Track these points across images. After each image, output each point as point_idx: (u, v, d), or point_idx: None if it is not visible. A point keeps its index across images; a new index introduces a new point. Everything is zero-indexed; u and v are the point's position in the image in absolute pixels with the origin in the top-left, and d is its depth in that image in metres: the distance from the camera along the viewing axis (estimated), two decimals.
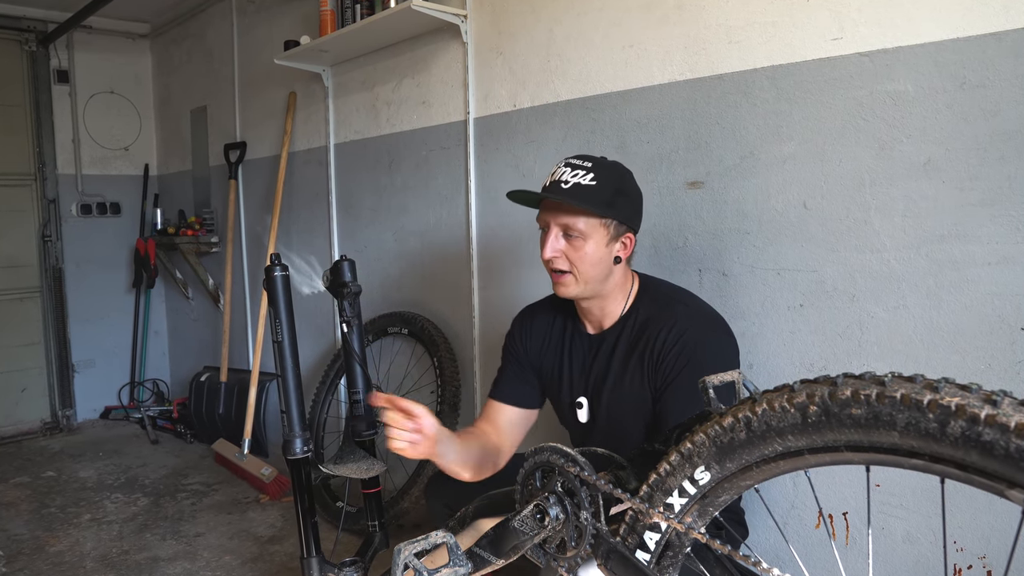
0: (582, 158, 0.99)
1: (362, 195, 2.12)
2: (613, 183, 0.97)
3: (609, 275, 1.01)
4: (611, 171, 0.99)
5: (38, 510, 2.07)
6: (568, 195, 0.95)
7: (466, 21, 1.69)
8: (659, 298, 1.03)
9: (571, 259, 0.98)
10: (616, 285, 1.03)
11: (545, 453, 0.75)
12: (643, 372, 1.00)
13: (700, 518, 0.62)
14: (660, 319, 0.99)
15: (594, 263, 0.98)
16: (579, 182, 0.95)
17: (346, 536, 1.81)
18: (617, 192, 0.97)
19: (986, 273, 0.97)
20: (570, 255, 0.98)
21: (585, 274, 0.98)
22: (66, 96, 2.96)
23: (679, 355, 0.96)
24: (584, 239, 0.97)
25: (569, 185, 0.96)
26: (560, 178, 0.97)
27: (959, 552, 1.01)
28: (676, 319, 0.98)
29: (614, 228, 0.98)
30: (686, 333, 0.96)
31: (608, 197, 0.96)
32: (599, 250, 0.97)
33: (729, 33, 1.22)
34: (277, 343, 1.19)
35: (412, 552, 0.74)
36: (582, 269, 0.98)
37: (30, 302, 2.93)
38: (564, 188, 0.96)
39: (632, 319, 1.03)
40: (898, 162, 1.04)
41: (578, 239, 0.97)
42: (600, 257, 0.98)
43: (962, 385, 0.44)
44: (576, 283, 1.00)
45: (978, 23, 0.96)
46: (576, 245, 0.97)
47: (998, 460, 0.40)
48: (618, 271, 1.02)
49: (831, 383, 0.50)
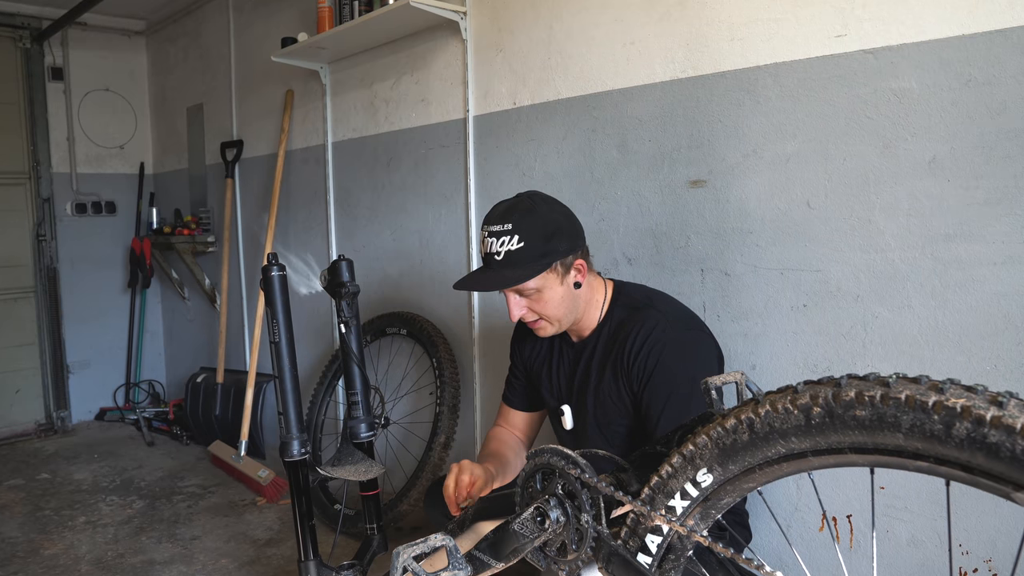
0: (499, 219, 0.98)
1: (360, 194, 2.10)
2: (539, 230, 0.97)
3: (577, 301, 1.04)
4: (533, 220, 0.98)
5: (32, 513, 2.05)
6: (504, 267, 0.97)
7: (465, 18, 1.68)
8: (630, 303, 1.06)
9: (537, 311, 1.02)
10: (586, 302, 1.06)
11: (545, 455, 0.74)
12: (617, 377, 1.03)
13: (702, 521, 0.61)
14: (630, 323, 1.02)
15: (558, 304, 1.02)
16: (509, 249, 0.97)
17: (344, 539, 1.80)
18: (547, 237, 0.98)
19: (992, 273, 0.97)
20: (535, 308, 1.02)
21: (555, 315, 1.03)
22: (60, 94, 2.93)
23: (647, 356, 0.98)
24: (540, 291, 1.00)
25: (501, 256, 0.97)
26: (490, 250, 0.99)
27: (964, 555, 1.00)
28: (644, 321, 1.00)
29: (561, 267, 1.00)
30: (652, 334, 0.99)
31: (541, 249, 0.97)
32: (558, 291, 1.01)
33: (731, 30, 1.21)
34: (274, 344, 1.18)
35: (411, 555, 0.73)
36: (550, 313, 1.02)
37: (24, 302, 2.90)
38: (497, 260, 0.98)
39: (607, 325, 1.06)
40: (903, 160, 1.03)
41: (535, 294, 1.01)
42: (562, 296, 1.01)
43: (968, 386, 0.43)
44: (551, 325, 1.04)
45: (984, 20, 0.95)
46: (535, 299, 1.01)
47: (1004, 462, 0.40)
48: (584, 291, 1.05)
49: (835, 384, 0.49)
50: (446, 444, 1.72)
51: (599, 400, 1.06)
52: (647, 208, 1.36)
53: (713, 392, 0.59)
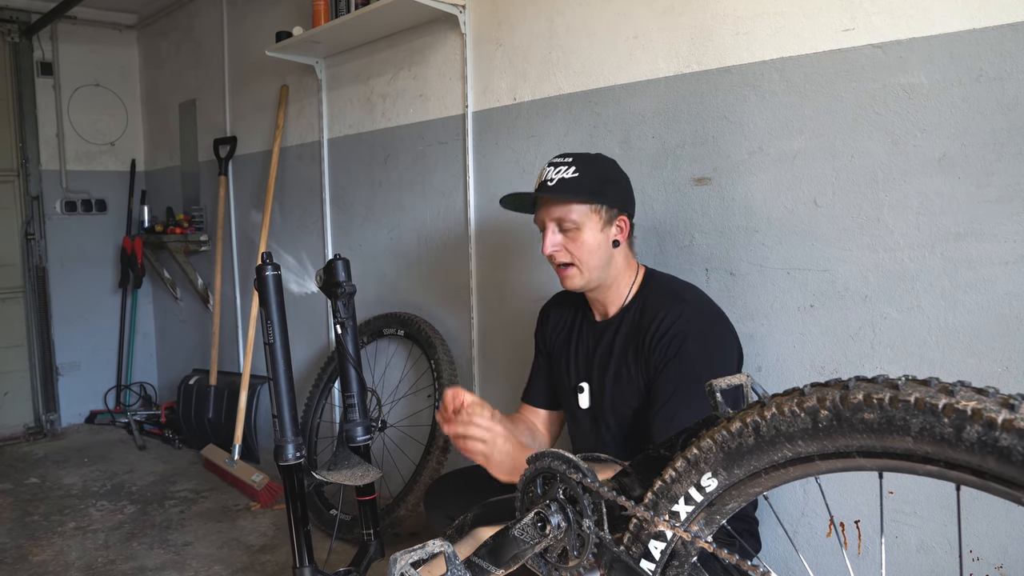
0: (564, 155, 1.04)
1: (357, 192, 2.07)
2: (597, 172, 1.03)
3: (610, 261, 1.04)
4: (594, 162, 1.05)
5: (21, 518, 2.01)
6: (555, 190, 1.01)
7: (464, 11, 1.66)
8: (661, 290, 1.05)
9: (571, 251, 1.02)
10: (619, 272, 1.06)
11: (546, 459, 0.73)
12: (637, 361, 1.02)
13: (707, 526, 0.60)
14: (658, 309, 1.01)
15: (593, 250, 1.02)
16: (563, 177, 1.01)
17: (340, 545, 1.77)
18: (602, 180, 1.02)
19: (1003, 272, 0.95)
20: (569, 247, 1.02)
21: (587, 263, 1.02)
22: (50, 89, 2.89)
23: (669, 344, 0.98)
24: (579, 229, 1.01)
25: (555, 182, 1.01)
26: (546, 177, 1.03)
27: (975, 562, 0.99)
28: (671, 309, 1.00)
29: (606, 213, 1.02)
30: (677, 322, 0.98)
31: (595, 185, 1.01)
32: (596, 236, 1.02)
33: (737, 24, 1.19)
34: (269, 345, 1.16)
35: (408, 562, 0.72)
36: (583, 258, 1.02)
37: (12, 303, 2.86)
38: (550, 185, 1.02)
39: (634, 308, 1.06)
40: (912, 157, 1.02)
41: (574, 230, 1.01)
42: (598, 243, 1.02)
43: (978, 388, 0.43)
44: (580, 274, 1.03)
45: (995, 13, 0.94)
46: (573, 236, 1.02)
47: (1016, 466, 0.39)
48: (619, 256, 1.05)
49: (842, 386, 0.49)
50: (444, 448, 1.69)
51: (616, 383, 1.05)
52: (650, 206, 1.33)
53: (718, 395, 0.58)
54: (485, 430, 0.92)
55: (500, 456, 0.92)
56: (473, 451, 0.93)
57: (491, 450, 0.92)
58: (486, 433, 0.92)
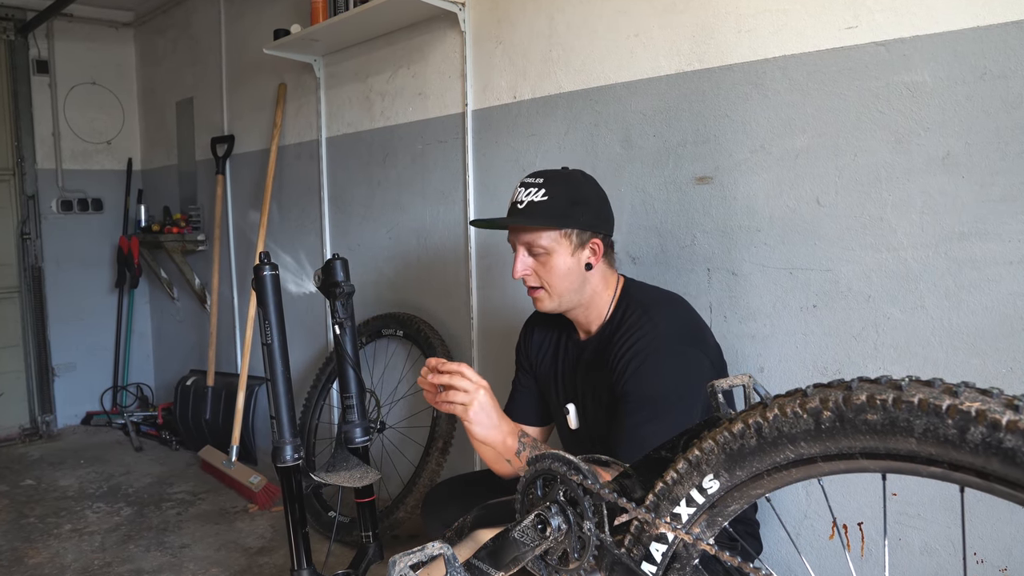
0: (535, 175, 1.02)
1: (355, 191, 2.06)
2: (568, 194, 1.00)
3: (584, 283, 1.02)
4: (566, 182, 1.01)
5: (16, 520, 2.00)
6: (523, 215, 0.99)
7: (464, 9, 1.65)
8: (634, 306, 1.02)
9: (540, 275, 1.01)
10: (595, 291, 1.04)
11: (547, 461, 0.72)
12: (608, 377, 1.00)
13: (709, 528, 0.60)
14: (627, 328, 0.99)
15: (563, 275, 1.00)
16: (533, 200, 0.99)
17: (338, 547, 1.76)
18: (572, 202, 0.99)
19: (1008, 272, 0.94)
20: (539, 271, 1.01)
21: (557, 287, 1.00)
22: (46, 87, 2.87)
23: (629, 363, 0.96)
24: (549, 254, 0.99)
25: (523, 205, 0.99)
26: (516, 199, 1.01)
27: (979, 564, 0.98)
28: (639, 328, 0.98)
29: (576, 237, 1.00)
30: (640, 342, 0.96)
31: (562, 209, 0.98)
32: (566, 261, 0.99)
33: (739, 21, 1.18)
34: (266, 345, 1.15)
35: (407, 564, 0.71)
36: (553, 283, 1.00)
37: (8, 303, 2.84)
38: (519, 209, 1.00)
39: (610, 326, 1.03)
40: (915, 156, 1.01)
41: (543, 255, 1.00)
42: (568, 268, 1.00)
43: (983, 389, 0.42)
44: (550, 297, 1.02)
45: (999, 11, 0.93)
46: (543, 261, 1.00)
47: (1021, 468, 0.39)
48: (594, 277, 1.03)
49: (845, 387, 0.48)
50: (444, 449, 1.68)
51: (597, 403, 1.04)
52: (651, 205, 1.32)
53: (720, 396, 0.57)
54: (471, 382, 0.91)
55: (478, 407, 0.91)
56: (453, 401, 0.92)
57: (471, 400, 0.91)
58: (470, 384, 0.91)
